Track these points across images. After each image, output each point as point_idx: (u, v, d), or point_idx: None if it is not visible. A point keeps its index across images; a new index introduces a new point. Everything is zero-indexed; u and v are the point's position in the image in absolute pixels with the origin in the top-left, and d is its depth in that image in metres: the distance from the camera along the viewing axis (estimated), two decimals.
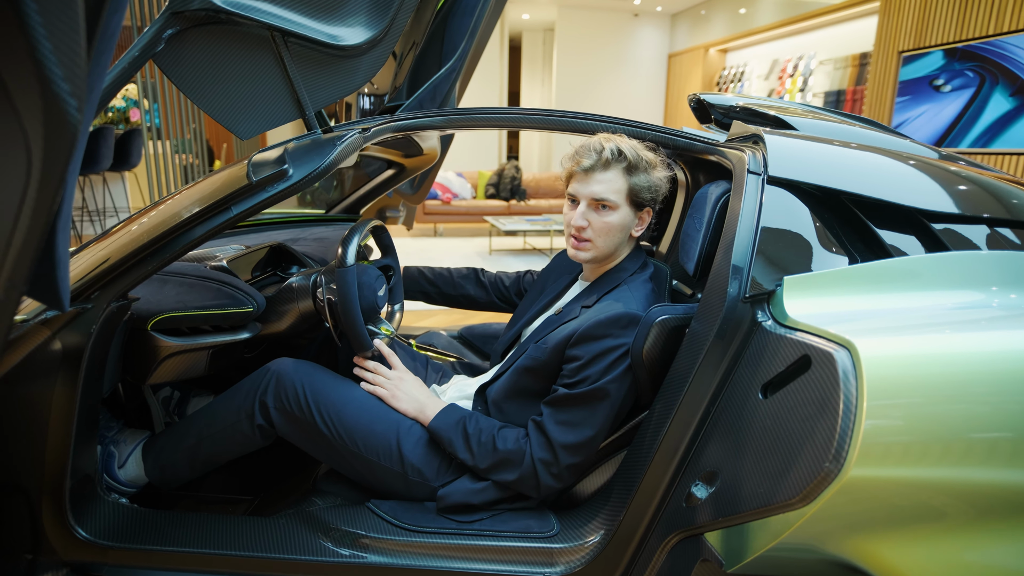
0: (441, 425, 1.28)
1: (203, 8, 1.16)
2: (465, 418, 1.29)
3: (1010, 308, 1.00)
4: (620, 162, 1.27)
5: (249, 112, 1.34)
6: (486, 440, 1.24)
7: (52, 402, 1.09)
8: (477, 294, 1.79)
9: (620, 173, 1.28)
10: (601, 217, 1.29)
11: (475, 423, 1.28)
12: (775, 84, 7.97)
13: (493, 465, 1.23)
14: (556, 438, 1.19)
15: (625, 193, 1.28)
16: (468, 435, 1.26)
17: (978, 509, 0.87)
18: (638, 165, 1.27)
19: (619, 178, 1.28)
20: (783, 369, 0.96)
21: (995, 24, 4.88)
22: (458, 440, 1.26)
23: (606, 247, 1.31)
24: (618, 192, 1.28)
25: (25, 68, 0.51)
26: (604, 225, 1.29)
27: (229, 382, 1.78)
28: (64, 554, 1.17)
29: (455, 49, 1.84)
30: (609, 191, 1.27)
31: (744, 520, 0.98)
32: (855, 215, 1.14)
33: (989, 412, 0.86)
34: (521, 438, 1.24)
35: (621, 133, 1.34)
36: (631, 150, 1.27)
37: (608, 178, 1.27)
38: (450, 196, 8.03)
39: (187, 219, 1.13)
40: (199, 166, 5.17)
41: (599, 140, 1.30)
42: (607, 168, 1.27)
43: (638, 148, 1.29)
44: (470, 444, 1.25)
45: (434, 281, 1.80)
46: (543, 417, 1.23)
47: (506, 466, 1.23)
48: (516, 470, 1.22)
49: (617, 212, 1.29)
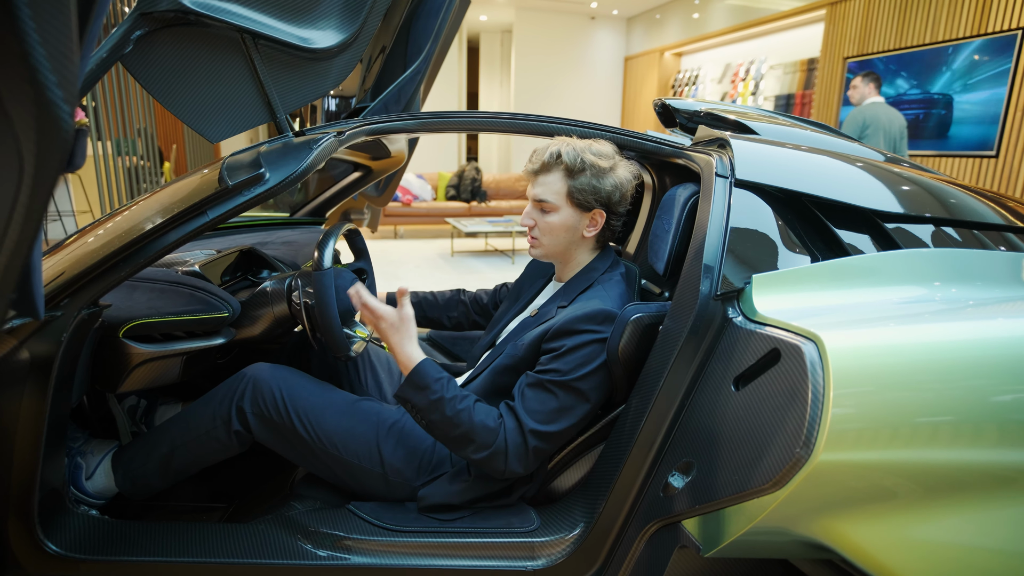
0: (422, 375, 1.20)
1: (172, 9, 1.14)
2: (445, 378, 1.22)
3: (951, 302, 1.08)
4: (558, 165, 1.31)
5: (219, 115, 1.32)
6: (462, 409, 1.18)
7: (20, 414, 1.06)
8: (458, 315, 1.79)
9: (560, 176, 1.32)
10: (543, 217, 1.34)
11: (456, 390, 1.22)
12: (728, 87, 8.21)
13: (463, 435, 1.17)
14: (528, 424, 1.18)
15: (564, 194, 1.32)
16: (446, 398, 1.18)
17: (925, 487, 0.94)
18: (577, 168, 1.30)
19: (559, 180, 1.32)
20: (754, 362, 1.01)
21: (931, 33, 5.17)
22: (436, 394, 1.18)
23: (552, 245, 1.36)
24: (556, 194, 1.32)
25: (19, 74, 0.51)
26: (546, 225, 1.34)
27: (196, 389, 1.75)
28: (32, 569, 1.13)
29: (420, 51, 1.85)
30: (548, 192, 1.32)
31: (720, 506, 1.02)
32: (815, 216, 1.20)
33: (933, 398, 0.93)
34: (497, 418, 1.21)
35: (574, 136, 1.38)
36: (572, 153, 1.30)
37: (548, 180, 1.33)
38: (410, 198, 7.98)
39: (161, 223, 1.11)
40: (149, 168, 5.00)
41: (548, 144, 1.35)
42: (548, 171, 1.33)
43: (584, 152, 1.31)
44: (446, 405, 1.18)
45: (418, 304, 1.78)
46: (516, 402, 1.22)
47: (476, 441, 1.17)
48: (486, 449, 1.17)
49: (558, 213, 1.33)
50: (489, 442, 1.18)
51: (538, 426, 1.19)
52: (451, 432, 1.18)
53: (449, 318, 1.79)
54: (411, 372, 1.21)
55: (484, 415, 1.20)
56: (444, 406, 1.18)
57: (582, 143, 1.33)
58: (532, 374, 1.24)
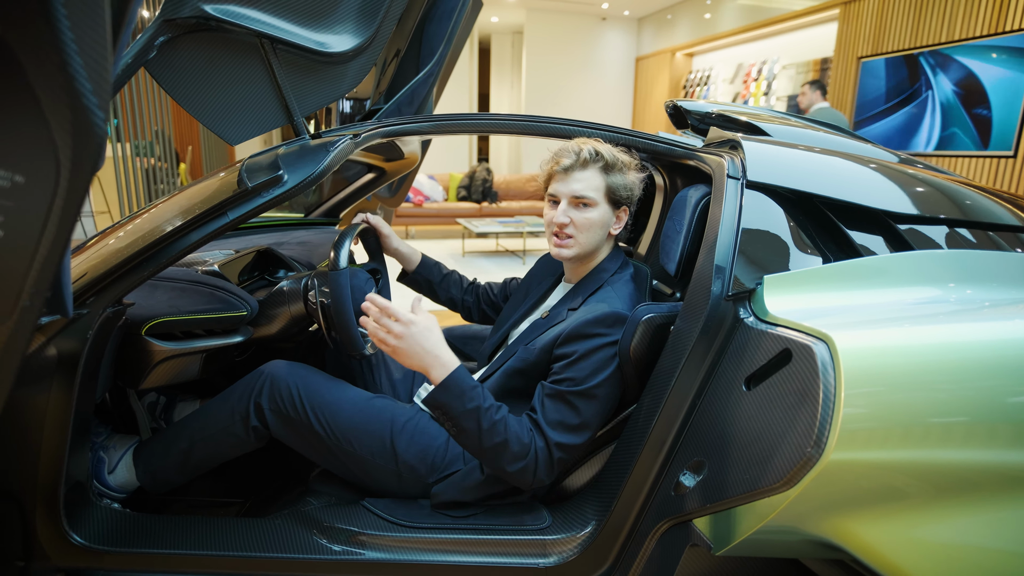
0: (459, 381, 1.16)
1: (194, 16, 1.17)
2: (479, 386, 1.19)
3: (964, 303, 1.08)
4: (597, 162, 1.33)
5: (238, 118, 1.35)
6: (499, 419, 1.17)
7: (47, 408, 1.09)
8: (471, 301, 1.79)
9: (598, 172, 1.34)
10: (582, 214, 1.34)
11: (491, 399, 1.19)
12: (740, 88, 8.17)
13: (498, 447, 1.16)
14: (553, 438, 1.20)
15: (603, 191, 1.34)
16: (483, 407, 1.16)
17: (937, 487, 0.95)
18: (615, 165, 1.34)
19: (597, 176, 1.34)
20: (765, 362, 1.02)
21: (947, 32, 5.12)
22: (473, 403, 1.15)
23: (588, 243, 1.36)
24: (596, 189, 1.34)
25: (56, 82, 0.53)
26: (585, 221, 1.34)
27: (213, 387, 1.78)
28: (58, 560, 1.17)
29: (432, 54, 1.87)
30: (588, 188, 1.33)
31: (731, 505, 1.03)
32: (827, 217, 1.21)
33: (945, 399, 0.93)
34: (529, 430, 1.20)
35: (597, 137, 1.40)
36: (607, 150, 1.34)
37: (587, 176, 1.33)
38: (422, 198, 8.02)
39: (183, 224, 1.14)
40: (166, 169, 5.07)
41: (576, 143, 1.36)
42: (585, 167, 1.34)
43: (613, 150, 1.36)
44: (483, 415, 1.15)
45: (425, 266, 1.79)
46: (538, 415, 1.23)
47: (509, 454, 1.16)
48: (520, 461, 1.17)
49: (596, 209, 1.35)
50: (522, 455, 1.18)
51: (562, 438, 1.21)
52: (486, 442, 1.16)
53: (451, 298, 1.78)
54: (448, 377, 1.16)
55: (518, 427, 1.19)
56: (481, 416, 1.15)
57: (603, 142, 1.37)
58: (550, 385, 1.24)
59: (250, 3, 1.21)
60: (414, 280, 1.78)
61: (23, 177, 0.57)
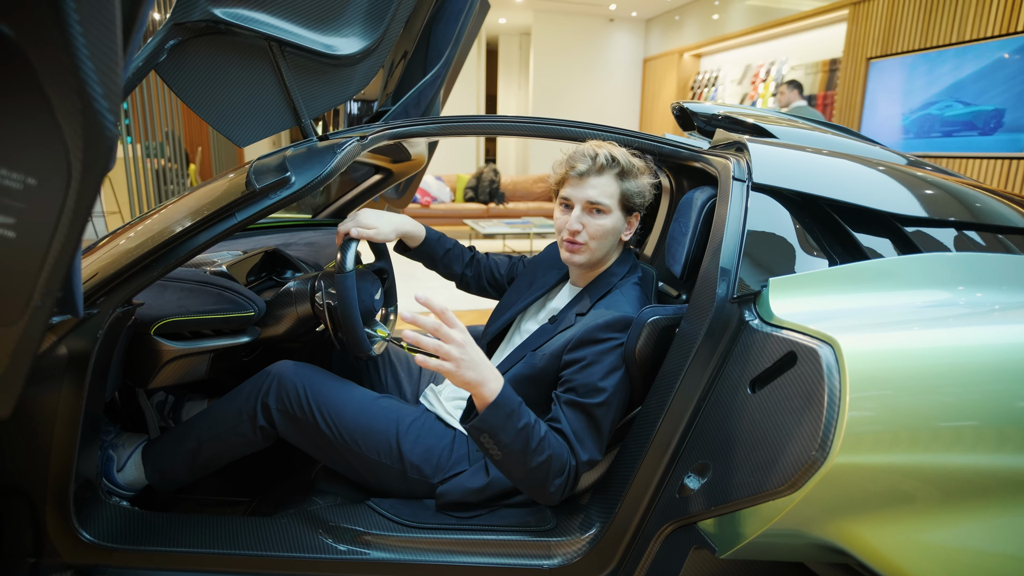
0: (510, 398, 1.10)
1: (204, 19, 1.18)
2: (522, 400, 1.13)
3: (975, 306, 1.08)
4: (613, 168, 1.32)
5: (247, 120, 1.36)
6: (545, 435, 1.12)
7: (58, 407, 1.11)
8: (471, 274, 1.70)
9: (613, 178, 1.32)
10: (595, 220, 1.33)
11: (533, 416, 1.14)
12: (748, 89, 8.14)
13: (543, 465, 1.12)
14: (581, 454, 1.19)
15: (618, 198, 1.33)
16: (531, 424, 1.11)
17: (944, 492, 0.94)
18: (630, 171, 1.33)
19: (612, 183, 1.32)
20: (770, 365, 1.02)
21: (958, 32, 5.08)
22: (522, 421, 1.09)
23: (599, 250, 1.35)
24: (611, 196, 1.32)
25: (68, 85, 0.54)
26: (598, 228, 1.33)
27: (221, 386, 1.79)
28: (68, 557, 1.18)
29: (440, 56, 1.88)
30: (603, 195, 1.31)
31: (735, 508, 1.03)
32: (834, 219, 1.21)
33: (953, 402, 0.93)
34: (561, 444, 1.16)
35: (612, 141, 1.39)
36: (623, 156, 1.32)
37: (602, 183, 1.32)
38: (429, 199, 8.04)
39: (192, 225, 1.15)
40: (176, 170, 5.11)
41: (591, 147, 1.33)
42: (601, 173, 1.32)
43: (628, 155, 1.34)
44: (531, 434, 1.10)
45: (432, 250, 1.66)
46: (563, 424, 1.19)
47: (552, 471, 1.13)
48: (559, 478, 1.14)
49: (610, 216, 1.33)
50: (562, 470, 1.15)
51: (589, 453, 1.20)
52: (532, 462, 1.10)
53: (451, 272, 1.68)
54: (500, 395, 1.08)
55: (555, 441, 1.15)
56: (530, 434, 1.10)
57: (618, 147, 1.35)
58: (565, 395, 1.22)
59: (259, 6, 1.22)
60: (416, 255, 1.64)
61: (35, 179, 0.58)
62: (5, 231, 0.59)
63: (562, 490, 1.17)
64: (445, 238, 1.68)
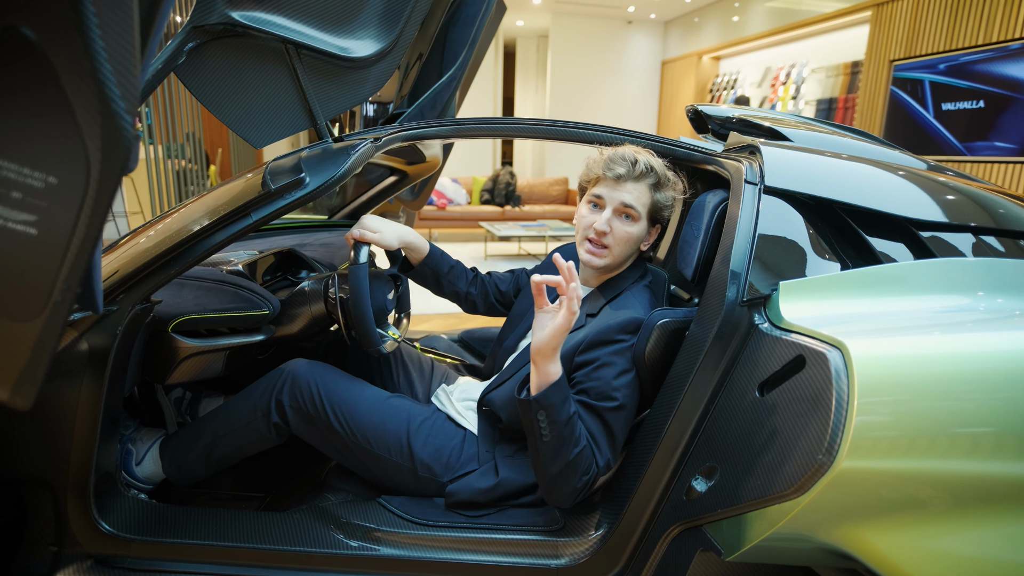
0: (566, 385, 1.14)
1: (221, 22, 1.21)
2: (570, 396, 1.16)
3: (995, 311, 1.06)
4: (650, 177, 1.32)
5: (263, 122, 1.39)
6: (581, 431, 1.15)
7: (79, 400, 1.14)
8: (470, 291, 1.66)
9: (648, 187, 1.33)
10: (624, 226, 1.33)
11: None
12: (768, 91, 8.07)
13: (576, 459, 1.14)
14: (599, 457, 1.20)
15: (649, 207, 1.34)
16: (575, 415, 1.15)
17: (957, 498, 0.93)
18: (664, 183, 1.34)
19: (647, 192, 1.33)
20: (779, 368, 1.02)
21: (984, 34, 4.99)
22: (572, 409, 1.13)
23: (620, 256, 1.35)
24: (644, 204, 1.33)
25: (88, 88, 0.56)
26: (625, 234, 1.33)
27: (237, 383, 1.82)
28: (88, 547, 1.21)
29: (455, 58, 1.90)
30: (637, 201, 1.32)
31: (742, 511, 1.03)
32: (847, 223, 1.20)
33: (963, 407, 0.92)
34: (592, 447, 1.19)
35: (649, 149, 1.37)
36: (660, 167, 1.33)
37: (638, 189, 1.32)
38: (445, 201, 8.08)
39: (208, 225, 1.17)
40: (196, 171, 5.20)
41: (631, 152, 1.33)
42: (639, 180, 1.32)
43: (664, 166, 1.34)
44: (575, 424, 1.14)
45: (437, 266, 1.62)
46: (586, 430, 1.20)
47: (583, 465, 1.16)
48: (587, 475, 1.17)
49: (638, 224, 1.34)
50: (589, 467, 1.17)
51: (604, 457, 1.20)
52: (571, 452, 1.13)
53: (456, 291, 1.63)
54: (561, 377, 1.13)
55: (587, 440, 1.17)
56: (575, 423, 1.14)
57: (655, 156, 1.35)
58: (579, 397, 1.22)
59: (275, 9, 1.24)
60: (420, 272, 1.61)
61: (56, 178, 0.60)
62: (27, 228, 0.61)
63: (584, 490, 1.18)
64: (448, 255, 1.65)
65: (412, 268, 1.61)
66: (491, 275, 1.72)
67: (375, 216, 1.45)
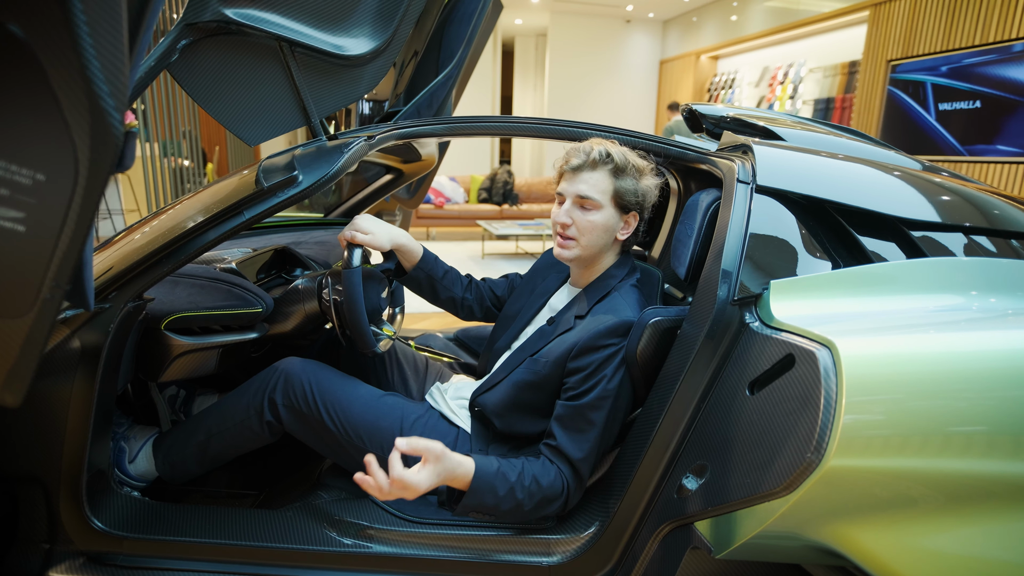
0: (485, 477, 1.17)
1: (215, 20, 1.20)
2: (500, 466, 1.20)
3: (988, 311, 1.06)
4: (607, 164, 1.31)
5: (257, 119, 1.38)
6: (530, 483, 1.20)
7: (71, 398, 1.14)
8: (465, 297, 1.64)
9: (607, 175, 1.32)
10: (585, 215, 1.32)
11: (512, 468, 1.21)
12: (765, 91, 8.08)
13: (538, 504, 1.21)
14: (576, 456, 1.22)
15: (610, 194, 1.32)
16: (513, 483, 1.18)
17: (948, 496, 0.94)
18: (625, 168, 1.32)
19: (605, 179, 1.31)
20: (769, 367, 1.02)
21: (981, 34, 5.00)
22: (503, 487, 1.17)
23: (589, 245, 1.34)
24: (603, 192, 1.31)
25: (76, 85, 0.56)
26: (587, 223, 1.32)
27: (232, 382, 1.83)
28: (80, 544, 1.21)
29: (452, 56, 1.90)
30: (594, 190, 1.31)
31: (732, 509, 1.03)
32: (839, 223, 1.20)
33: (951, 406, 0.92)
34: (550, 466, 1.23)
35: (613, 140, 1.39)
36: (619, 154, 1.32)
37: (595, 178, 1.31)
38: (443, 200, 8.07)
39: (201, 223, 1.17)
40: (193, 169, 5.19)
41: (590, 143, 1.34)
42: (595, 168, 1.32)
43: (627, 154, 1.33)
44: (516, 490, 1.18)
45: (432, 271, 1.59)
46: (559, 441, 1.23)
47: (549, 502, 1.22)
48: (557, 502, 1.22)
49: (601, 212, 1.32)
50: (558, 495, 1.22)
51: (583, 452, 1.22)
52: (527, 506, 1.19)
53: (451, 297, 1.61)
54: (473, 479, 1.15)
55: (542, 472, 1.21)
56: (516, 490, 1.18)
57: (620, 145, 1.35)
58: (566, 404, 1.24)
59: (269, 7, 1.24)
60: (414, 278, 1.58)
61: (44, 175, 0.60)
62: (15, 225, 0.61)
63: (567, 503, 1.25)
64: (442, 260, 1.63)
65: (405, 274, 1.59)
66: (485, 281, 1.71)
67: (368, 216, 1.44)
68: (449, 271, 1.63)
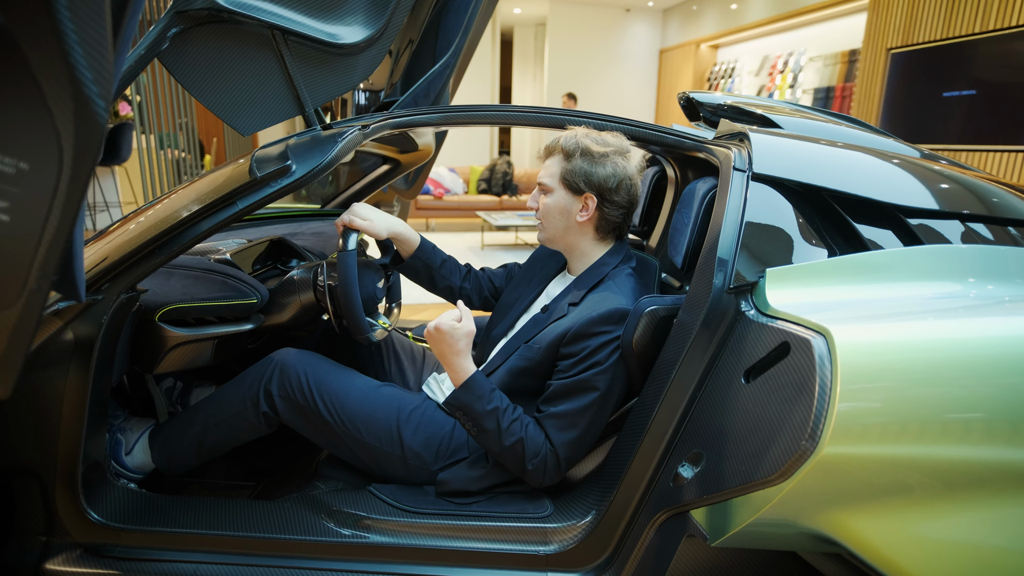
0: (479, 383, 1.24)
1: (206, 7, 1.19)
2: (497, 390, 1.27)
3: (985, 298, 1.06)
4: (559, 150, 1.36)
5: (250, 109, 1.37)
6: (517, 425, 1.23)
7: (65, 390, 1.13)
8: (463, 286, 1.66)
9: (558, 159, 1.37)
10: (543, 199, 1.39)
11: (510, 404, 1.26)
12: (765, 80, 8.03)
13: (515, 445, 1.22)
14: (560, 439, 1.23)
15: (559, 176, 1.36)
16: (502, 408, 1.23)
17: (944, 483, 0.94)
18: (573, 153, 1.35)
19: (556, 163, 1.37)
20: (764, 355, 1.02)
21: (981, 22, 4.96)
22: (492, 404, 1.22)
23: (551, 228, 1.40)
24: (552, 176, 1.37)
25: (59, 72, 0.55)
26: (544, 207, 1.39)
27: (229, 373, 1.82)
28: (77, 536, 1.21)
29: (449, 46, 1.88)
30: (546, 175, 1.38)
31: (727, 497, 1.03)
32: (835, 210, 1.19)
33: (947, 393, 0.92)
34: (543, 434, 1.25)
35: (586, 126, 1.41)
36: (569, 137, 1.35)
37: (549, 163, 1.39)
38: (442, 191, 8.05)
39: (194, 213, 1.17)
40: (190, 160, 5.17)
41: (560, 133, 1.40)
42: (549, 155, 1.39)
43: (583, 138, 1.35)
44: (501, 417, 1.22)
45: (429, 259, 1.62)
46: (547, 420, 1.25)
47: (526, 452, 1.22)
48: (536, 459, 1.23)
49: (552, 195, 1.38)
50: (537, 452, 1.24)
51: (565, 436, 1.23)
52: (505, 441, 1.22)
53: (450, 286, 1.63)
54: (469, 379, 1.24)
55: (533, 428, 1.25)
56: (500, 416, 1.22)
57: (591, 132, 1.37)
58: (556, 384, 1.25)
59: None
60: (411, 267, 1.60)
61: (27, 164, 0.59)
62: (0, 215, 0.60)
63: (541, 472, 1.25)
64: (440, 250, 1.65)
65: (403, 262, 1.60)
66: (484, 271, 1.72)
67: (366, 204, 1.45)
68: (447, 260, 1.64)
